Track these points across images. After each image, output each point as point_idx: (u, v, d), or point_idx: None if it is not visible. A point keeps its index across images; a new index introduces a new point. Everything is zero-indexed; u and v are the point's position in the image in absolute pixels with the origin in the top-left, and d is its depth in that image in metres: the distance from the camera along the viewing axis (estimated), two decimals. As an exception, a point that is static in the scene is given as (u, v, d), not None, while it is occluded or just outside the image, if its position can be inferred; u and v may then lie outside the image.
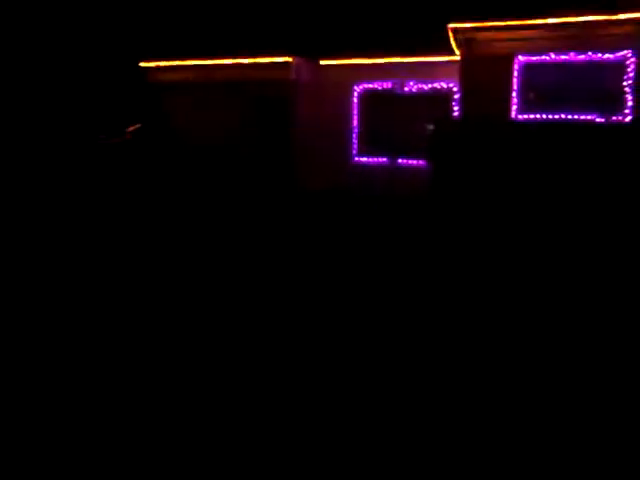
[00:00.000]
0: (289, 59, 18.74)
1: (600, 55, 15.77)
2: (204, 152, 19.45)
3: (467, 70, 17.15)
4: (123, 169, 19.02)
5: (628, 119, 15.46)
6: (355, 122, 19.15)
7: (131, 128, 22.31)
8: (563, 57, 16.42)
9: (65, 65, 21.66)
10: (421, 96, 18.51)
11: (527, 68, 16.90)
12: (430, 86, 18.32)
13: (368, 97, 19.11)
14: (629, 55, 15.38)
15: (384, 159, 18.67)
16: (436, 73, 18.14)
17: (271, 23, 19.06)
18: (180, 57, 19.79)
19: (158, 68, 20.34)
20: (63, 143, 20.30)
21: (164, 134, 20.56)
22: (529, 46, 16.73)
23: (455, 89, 17.87)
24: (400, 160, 18.43)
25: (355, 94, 19.10)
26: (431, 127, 18.33)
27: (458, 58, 17.38)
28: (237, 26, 19.36)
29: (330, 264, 10.67)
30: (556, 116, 16.66)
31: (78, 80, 21.74)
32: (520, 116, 17.04)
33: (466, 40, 16.91)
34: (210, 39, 19.49)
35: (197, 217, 15.41)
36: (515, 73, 16.88)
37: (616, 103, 15.75)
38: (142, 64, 20.46)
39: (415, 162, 18.24)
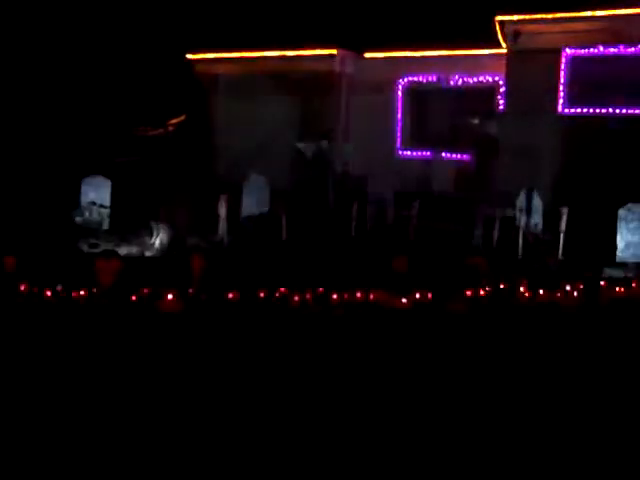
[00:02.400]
0: (334, 51, 18.85)
1: (650, 48, 15.63)
2: (243, 145, 19.42)
3: (513, 63, 17.07)
4: (156, 163, 18.54)
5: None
6: (399, 116, 19.14)
7: (174, 120, 22.36)
8: (612, 50, 16.26)
9: (110, 54, 21.70)
10: (466, 89, 18.43)
11: (575, 61, 16.76)
12: (475, 79, 18.24)
13: (413, 90, 19.09)
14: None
15: (428, 153, 18.63)
16: (481, 66, 18.05)
17: (317, 15, 19.14)
18: (226, 49, 19.91)
19: (204, 60, 20.50)
20: (94, 134, 19.91)
21: (206, 127, 20.66)
22: (577, 39, 16.59)
23: (501, 82, 17.77)
24: (444, 154, 18.38)
25: (400, 87, 19.08)
26: (476, 121, 18.34)
27: (504, 51, 17.29)
28: (283, 18, 19.46)
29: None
30: (603, 110, 16.50)
31: (122, 70, 21.76)
32: (567, 110, 16.90)
33: (513, 33, 16.84)
34: (256, 31, 19.59)
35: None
36: (562, 66, 16.76)
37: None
38: (189, 56, 20.63)
39: (459, 156, 18.20)
